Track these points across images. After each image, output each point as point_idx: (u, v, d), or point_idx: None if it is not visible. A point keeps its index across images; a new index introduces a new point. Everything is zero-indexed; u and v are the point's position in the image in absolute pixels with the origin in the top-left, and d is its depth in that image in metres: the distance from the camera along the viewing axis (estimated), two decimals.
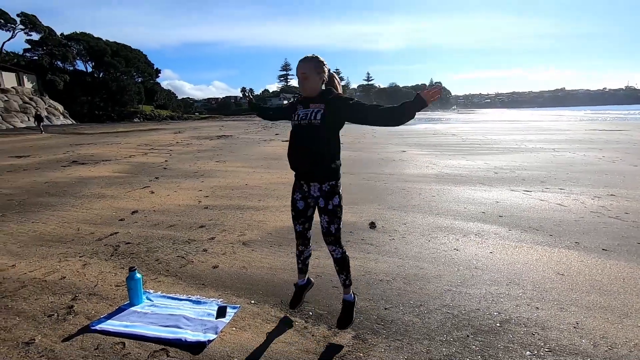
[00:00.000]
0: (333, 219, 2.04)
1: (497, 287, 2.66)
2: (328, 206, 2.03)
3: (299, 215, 2.19)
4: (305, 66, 2.02)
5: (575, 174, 7.12)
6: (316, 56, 2.06)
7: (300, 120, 2.02)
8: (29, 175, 7.65)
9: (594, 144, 12.73)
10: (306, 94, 2.06)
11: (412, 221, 4.26)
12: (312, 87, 2.03)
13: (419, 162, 9.11)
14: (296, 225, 2.22)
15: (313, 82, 2.03)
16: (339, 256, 2.13)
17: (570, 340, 2.05)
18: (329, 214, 2.04)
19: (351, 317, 2.17)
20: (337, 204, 2.04)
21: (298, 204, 2.16)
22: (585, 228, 3.94)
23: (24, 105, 32.52)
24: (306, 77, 2.01)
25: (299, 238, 2.26)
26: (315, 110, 2.00)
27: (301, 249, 2.29)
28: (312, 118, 1.98)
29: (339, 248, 2.11)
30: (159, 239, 3.74)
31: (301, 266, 2.35)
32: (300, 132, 2.04)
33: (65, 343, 2.06)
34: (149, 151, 12.24)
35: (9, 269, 3.06)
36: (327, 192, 2.03)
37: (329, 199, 2.03)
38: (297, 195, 2.17)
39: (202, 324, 2.22)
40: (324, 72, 2.06)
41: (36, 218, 4.55)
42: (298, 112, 2.07)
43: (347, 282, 2.19)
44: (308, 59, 2.04)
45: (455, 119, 43.34)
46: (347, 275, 2.18)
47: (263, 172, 7.85)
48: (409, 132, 21.58)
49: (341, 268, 2.16)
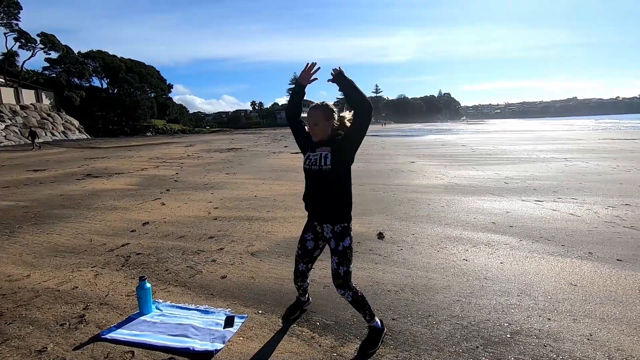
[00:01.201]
0: (342, 260, 2.06)
1: (507, 298, 2.62)
2: (339, 247, 2.06)
3: (305, 255, 2.23)
4: (315, 113, 2.07)
5: (588, 183, 6.99)
6: (326, 104, 2.11)
7: (312, 165, 2.06)
8: (45, 188, 7.86)
9: (607, 153, 12.51)
10: (316, 139, 2.10)
11: (420, 231, 4.23)
12: (322, 133, 2.09)
13: (427, 172, 9.07)
14: (299, 264, 2.26)
15: (323, 128, 2.08)
16: (350, 299, 2.10)
17: (583, 352, 2.00)
18: (338, 255, 2.06)
19: (375, 343, 2.10)
20: (347, 245, 2.07)
21: (308, 244, 2.20)
22: (599, 238, 3.86)
23: (42, 120, 33.58)
24: (316, 123, 2.07)
25: (299, 277, 2.30)
26: (324, 155, 2.03)
27: (300, 284, 2.36)
28: (323, 164, 2.01)
29: (348, 291, 2.08)
30: (169, 250, 3.79)
31: (301, 292, 2.44)
32: (313, 177, 2.09)
33: (76, 351, 2.09)
34: (160, 164, 12.47)
35: (24, 278, 3.14)
36: (338, 233, 2.06)
37: (340, 240, 2.06)
38: (308, 235, 2.20)
39: (210, 334, 2.23)
40: (334, 118, 2.11)
41: (51, 229, 4.67)
42: (309, 156, 2.10)
43: (367, 317, 2.14)
44: (318, 107, 2.09)
45: (465, 130, 43.12)
46: (365, 312, 2.13)
47: (272, 183, 7.91)
48: (418, 143, 21.55)
49: (358, 308, 2.13)
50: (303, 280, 2.33)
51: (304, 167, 2.12)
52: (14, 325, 2.38)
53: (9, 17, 35.02)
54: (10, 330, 2.32)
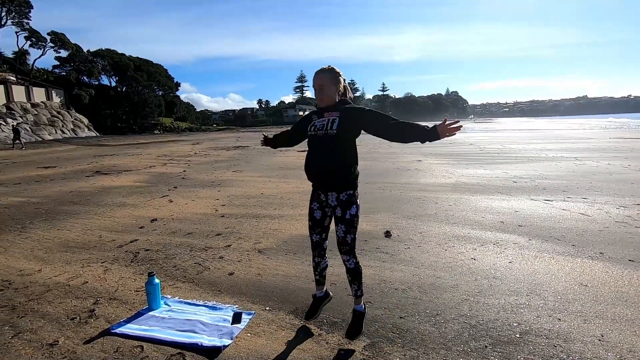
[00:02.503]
0: (349, 228, 2.04)
1: (516, 298, 2.59)
2: (345, 215, 2.03)
3: (316, 225, 2.18)
4: (322, 77, 2.05)
5: (599, 183, 6.88)
6: (332, 67, 2.09)
7: (317, 130, 2.04)
8: (55, 185, 7.97)
9: (619, 152, 12.30)
10: (323, 105, 2.08)
11: (428, 230, 4.21)
12: (329, 98, 2.06)
13: (435, 171, 9.01)
14: (313, 235, 2.22)
15: (329, 92, 2.05)
16: (352, 266, 2.13)
17: (594, 353, 1.97)
18: (345, 223, 2.04)
19: (360, 327, 2.16)
20: (354, 213, 2.04)
21: (315, 214, 2.16)
22: (610, 238, 3.80)
23: (52, 118, 34.07)
24: (322, 88, 2.05)
25: (315, 249, 2.25)
26: (331, 119, 2.01)
27: (317, 260, 2.28)
28: (328, 128, 1.99)
29: (352, 258, 2.11)
30: (177, 246, 3.82)
31: (318, 277, 2.33)
32: (316, 142, 2.05)
33: (86, 345, 2.12)
34: (168, 162, 12.57)
35: (35, 273, 3.19)
36: (344, 201, 2.03)
37: (347, 208, 2.03)
38: (314, 205, 2.16)
39: (218, 330, 2.25)
40: (340, 82, 2.09)
41: (61, 225, 4.73)
42: (314, 123, 2.09)
43: (358, 292, 2.18)
44: (324, 70, 2.07)
45: (472, 128, 42.72)
46: (359, 285, 2.17)
47: (278, 181, 7.93)
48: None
49: (353, 278, 2.16)
50: (321, 255, 2.24)
51: (308, 135, 2.10)
52: (25, 318, 2.42)
53: (20, 16, 35.56)
54: (22, 324, 2.36)
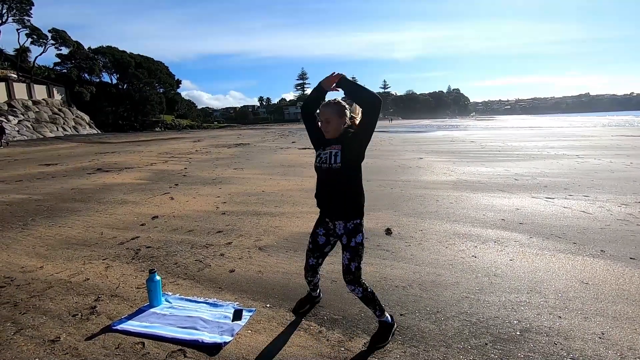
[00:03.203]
0: (354, 256, 2.06)
1: (517, 295, 2.59)
2: (351, 243, 2.06)
3: (316, 249, 2.22)
4: (328, 111, 2.06)
5: (600, 180, 6.87)
6: (338, 101, 2.10)
7: (322, 164, 2.06)
8: (57, 182, 7.99)
9: (621, 150, 12.26)
10: (328, 137, 2.10)
11: (428, 228, 4.20)
12: (335, 130, 2.07)
13: (436, 169, 9.00)
14: (310, 259, 2.25)
15: (335, 125, 2.06)
16: (360, 295, 2.11)
17: (595, 351, 1.97)
18: (350, 251, 2.06)
19: (387, 337, 2.11)
20: (359, 241, 2.07)
21: (319, 239, 2.19)
22: (612, 236, 3.79)
23: (53, 116, 34.08)
24: (329, 121, 2.06)
25: (309, 271, 2.29)
26: (334, 153, 2.02)
27: (310, 279, 2.35)
28: (333, 162, 2.01)
29: (358, 287, 2.08)
30: (178, 244, 3.83)
31: (312, 287, 2.42)
32: (323, 175, 2.08)
33: (88, 342, 2.13)
34: (169, 159, 12.58)
35: (37, 270, 3.20)
36: (351, 229, 2.06)
37: (353, 236, 2.06)
38: (319, 230, 2.19)
39: (219, 326, 2.25)
40: (346, 115, 2.10)
41: (63, 222, 4.75)
42: (320, 154, 2.09)
43: (377, 312, 2.14)
44: (330, 104, 2.08)
45: (474, 126, 42.62)
46: (375, 307, 2.13)
47: (279, 179, 7.93)
48: (426, 139, 21.38)
49: (367, 304, 2.13)
50: (313, 275, 2.33)
51: (315, 165, 2.12)
52: (27, 315, 2.44)
53: (21, 13, 35.49)
54: (24, 320, 2.37)
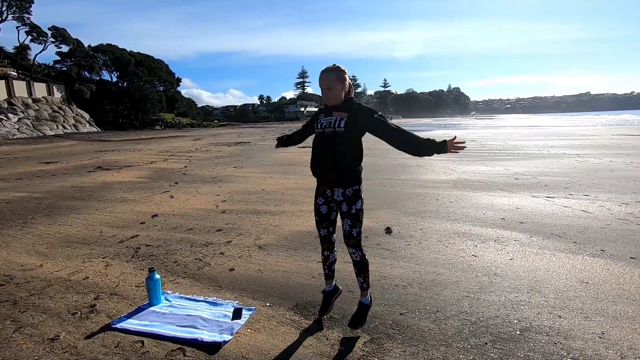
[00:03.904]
0: (355, 222, 2.09)
1: (517, 295, 2.59)
2: (351, 210, 2.07)
3: (322, 220, 2.22)
4: (328, 77, 2.06)
5: (601, 180, 6.86)
6: (337, 66, 2.10)
7: (325, 128, 2.06)
8: (57, 180, 7.98)
9: (621, 149, 12.25)
10: (330, 104, 2.10)
11: (428, 227, 4.20)
12: (336, 96, 2.08)
13: (436, 168, 8.99)
14: (320, 230, 2.26)
15: (336, 91, 2.07)
16: (359, 259, 2.17)
17: (595, 350, 1.97)
18: (351, 217, 2.08)
19: (364, 319, 2.21)
20: (359, 208, 2.09)
21: (321, 209, 2.20)
22: (612, 235, 3.79)
23: (53, 114, 34.02)
24: (330, 87, 2.06)
25: (324, 242, 2.29)
26: (339, 118, 2.04)
27: (326, 254, 2.32)
28: (337, 126, 2.02)
29: (358, 251, 2.15)
30: (178, 242, 3.82)
31: (328, 272, 2.37)
32: (324, 139, 2.08)
33: (87, 340, 2.13)
34: (169, 157, 12.57)
35: (37, 268, 3.20)
36: (350, 196, 2.07)
37: (352, 203, 2.07)
38: (319, 200, 2.20)
39: (218, 325, 2.25)
40: (346, 80, 2.10)
41: (63, 220, 4.74)
42: (321, 121, 2.11)
43: (364, 285, 2.23)
44: (330, 70, 2.08)
45: (474, 125, 42.59)
46: (365, 278, 2.22)
47: (279, 177, 7.92)
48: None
49: (360, 270, 2.20)
50: (329, 249, 2.29)
51: (315, 131, 2.13)
52: (27, 313, 2.43)
53: (20, 11, 35.37)
54: (23, 318, 2.37)
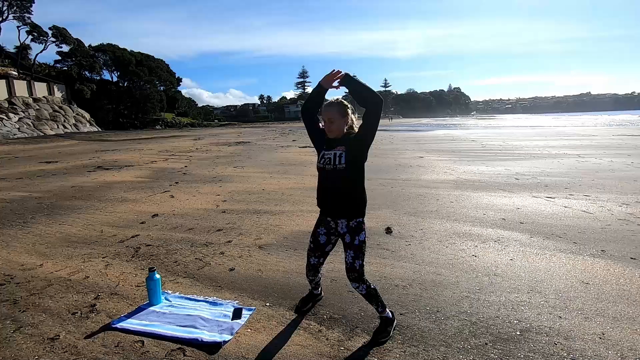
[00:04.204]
0: (358, 254, 2.07)
1: (517, 295, 2.58)
2: (354, 242, 2.07)
3: (317, 249, 2.22)
4: (331, 111, 2.07)
5: (601, 180, 6.85)
6: (341, 101, 2.11)
7: (326, 165, 2.07)
8: (57, 180, 7.98)
9: (621, 149, 12.24)
10: (332, 136, 2.11)
11: (429, 227, 4.20)
12: (337, 130, 2.09)
13: (436, 168, 8.99)
14: (311, 258, 2.25)
15: (338, 125, 2.08)
16: (364, 292, 2.12)
17: (595, 351, 1.97)
18: (354, 249, 2.07)
19: (386, 332, 2.14)
20: (362, 239, 2.08)
21: (320, 238, 2.20)
22: (612, 236, 3.79)
23: (53, 113, 34.04)
24: (332, 121, 2.06)
25: (310, 270, 2.30)
26: (338, 154, 2.04)
27: (311, 278, 2.35)
28: (337, 163, 2.03)
29: (362, 284, 2.10)
30: (178, 242, 3.82)
31: (313, 285, 2.44)
32: (326, 175, 2.09)
33: (87, 340, 2.13)
34: (169, 157, 12.57)
35: (37, 268, 3.20)
36: (354, 228, 2.07)
37: (356, 234, 2.07)
38: (321, 230, 2.20)
39: (218, 325, 2.25)
40: (348, 115, 2.11)
41: (63, 220, 4.74)
42: (324, 154, 2.10)
43: (379, 309, 2.16)
44: (333, 104, 2.09)
45: (475, 125, 42.56)
46: (377, 304, 2.15)
47: (280, 177, 7.92)
48: (427, 138, 21.34)
49: (370, 300, 2.15)
50: (314, 275, 2.33)
51: (317, 166, 2.13)
52: (27, 313, 2.43)
53: (21, 11, 35.39)
54: (24, 318, 2.37)
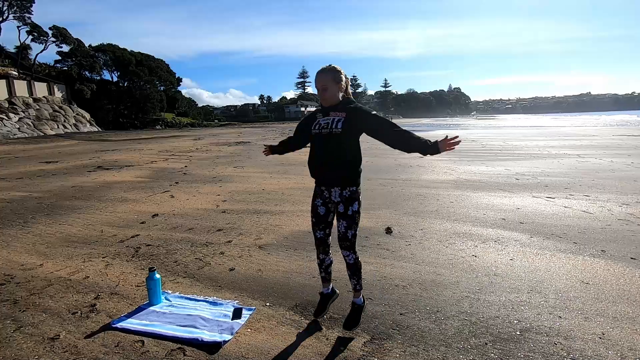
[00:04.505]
0: (351, 224, 2.07)
1: (517, 295, 2.58)
2: (348, 211, 2.06)
3: (319, 221, 2.19)
4: (324, 77, 2.05)
5: (601, 180, 6.85)
6: (333, 66, 2.08)
7: (322, 129, 2.05)
8: (57, 180, 7.99)
9: (622, 149, 12.24)
10: (326, 104, 2.08)
11: (429, 227, 4.20)
12: (332, 97, 2.06)
13: (436, 168, 8.99)
14: (317, 232, 2.22)
15: (332, 92, 2.06)
16: (352, 261, 2.15)
17: (595, 351, 1.97)
18: (347, 219, 2.06)
19: (358, 320, 2.21)
20: (356, 209, 2.07)
21: (319, 210, 2.17)
22: (612, 236, 3.79)
23: (54, 113, 34.04)
24: (325, 88, 2.04)
25: (319, 245, 2.25)
26: (336, 119, 2.02)
27: (322, 257, 2.28)
28: (334, 127, 2.01)
29: (352, 253, 2.13)
30: (178, 242, 3.82)
31: (324, 275, 2.33)
32: (321, 140, 2.06)
33: (87, 340, 2.13)
34: (169, 157, 12.57)
35: (37, 268, 3.20)
36: (347, 197, 2.05)
37: (349, 204, 2.05)
38: (318, 202, 2.18)
39: (218, 325, 2.25)
40: (342, 81, 2.09)
41: (63, 220, 4.75)
42: (319, 121, 2.09)
43: (357, 286, 2.22)
44: (326, 70, 2.07)
45: (475, 125, 42.56)
46: (358, 280, 2.21)
47: (279, 177, 7.92)
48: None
49: (353, 272, 2.19)
50: (325, 252, 2.25)
51: (312, 132, 2.09)
52: (27, 313, 2.43)
53: (21, 11, 35.40)
54: (24, 318, 2.37)
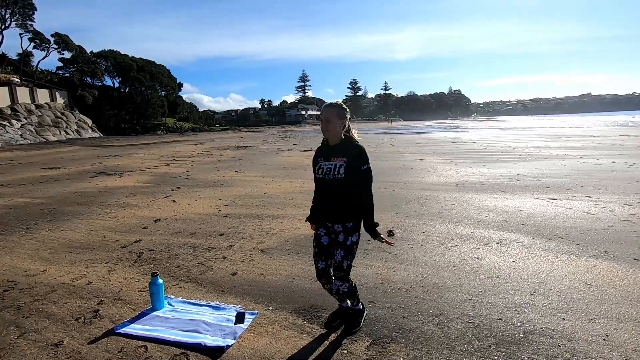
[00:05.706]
0: (348, 254, 2.10)
1: (520, 297, 2.58)
2: (347, 242, 2.09)
3: (322, 252, 2.19)
4: (330, 110, 2.12)
5: (603, 181, 6.84)
6: (340, 103, 2.17)
7: (325, 175, 2.10)
8: (60, 186, 8.02)
9: (623, 150, 12.21)
10: (327, 137, 2.15)
11: (431, 229, 4.20)
12: (334, 132, 2.12)
13: (438, 170, 8.99)
14: (318, 263, 2.20)
15: (334, 126, 2.11)
16: (346, 290, 2.16)
17: (599, 352, 1.96)
18: (345, 249, 2.09)
19: (359, 322, 2.28)
20: (355, 240, 2.12)
21: (322, 240, 2.20)
22: (615, 237, 3.77)
23: (56, 119, 34.22)
24: (329, 120, 2.11)
25: (321, 277, 2.19)
26: (338, 165, 2.07)
27: (327, 287, 2.20)
28: (336, 173, 2.06)
29: (346, 283, 2.15)
30: (180, 247, 3.83)
31: (338, 297, 2.24)
32: (325, 186, 2.13)
33: (91, 345, 2.14)
34: (171, 162, 12.61)
35: (40, 274, 3.21)
36: (349, 228, 2.10)
37: (350, 235, 2.10)
38: (321, 231, 2.21)
39: (221, 329, 2.25)
40: (346, 119, 2.15)
41: (66, 226, 4.76)
42: (321, 166, 2.14)
43: (354, 302, 2.27)
44: (333, 105, 2.15)
45: (476, 127, 42.56)
46: (355, 297, 2.26)
47: (281, 181, 7.94)
48: (427, 140, 21.34)
49: (349, 297, 2.22)
50: (328, 281, 2.18)
51: (316, 177, 2.18)
52: (31, 319, 2.44)
53: (24, 18, 35.68)
54: (27, 324, 2.38)
